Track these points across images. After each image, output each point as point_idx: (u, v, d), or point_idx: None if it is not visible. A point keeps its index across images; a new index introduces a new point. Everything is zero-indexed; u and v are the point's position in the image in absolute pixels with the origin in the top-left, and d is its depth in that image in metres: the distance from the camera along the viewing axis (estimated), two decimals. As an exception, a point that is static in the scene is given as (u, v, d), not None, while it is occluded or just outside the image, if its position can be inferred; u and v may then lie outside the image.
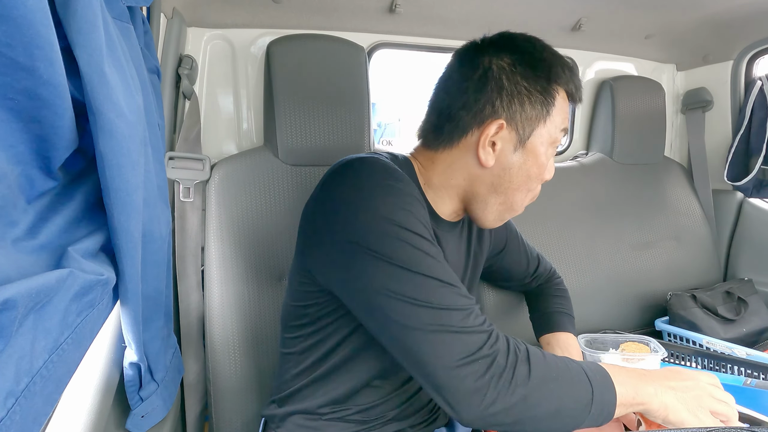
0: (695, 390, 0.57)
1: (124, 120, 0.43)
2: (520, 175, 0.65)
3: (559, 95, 0.66)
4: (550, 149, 0.67)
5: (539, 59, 0.64)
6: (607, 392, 0.55)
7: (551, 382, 0.53)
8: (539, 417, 0.52)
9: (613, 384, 0.56)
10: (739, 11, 1.22)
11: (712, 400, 0.57)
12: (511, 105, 0.62)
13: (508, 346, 0.54)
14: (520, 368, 0.52)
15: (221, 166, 0.97)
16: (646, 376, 0.58)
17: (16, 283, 0.31)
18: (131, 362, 0.63)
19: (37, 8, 0.30)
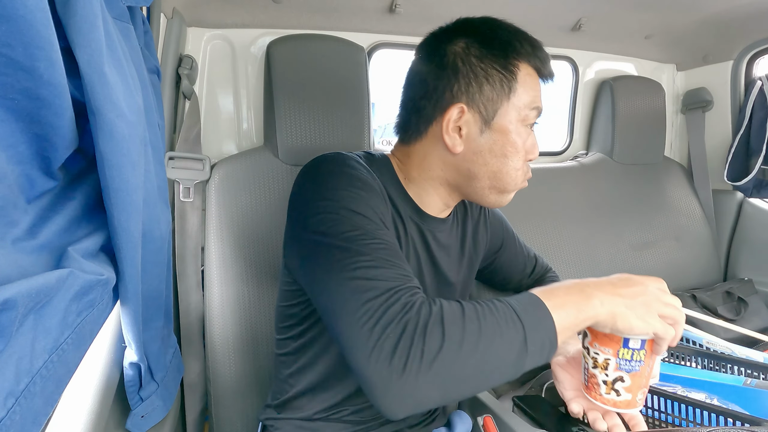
0: (643, 295, 0.54)
1: (124, 120, 0.43)
2: (493, 156, 0.64)
3: (522, 71, 0.64)
4: (521, 128, 0.65)
5: (494, 38, 0.64)
6: (543, 324, 0.50)
7: (471, 337, 0.47)
8: (468, 378, 0.46)
9: (549, 312, 0.51)
10: (739, 11, 1.22)
11: (660, 304, 0.54)
12: (469, 87, 0.62)
13: (420, 313, 0.48)
14: (432, 335, 0.46)
15: (221, 166, 0.97)
16: (589, 288, 0.54)
17: (16, 283, 0.31)
18: (131, 362, 0.63)
19: (37, 8, 0.30)
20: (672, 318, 0.55)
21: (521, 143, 0.65)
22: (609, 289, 0.54)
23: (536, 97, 0.66)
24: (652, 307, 0.54)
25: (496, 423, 0.87)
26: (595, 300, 0.53)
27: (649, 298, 0.54)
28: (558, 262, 1.25)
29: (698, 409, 0.78)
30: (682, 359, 1.04)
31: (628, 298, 0.54)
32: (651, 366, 0.58)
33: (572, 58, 1.46)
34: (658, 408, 0.83)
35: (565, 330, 0.52)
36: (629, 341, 0.55)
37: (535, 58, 0.65)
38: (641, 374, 0.57)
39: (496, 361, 0.48)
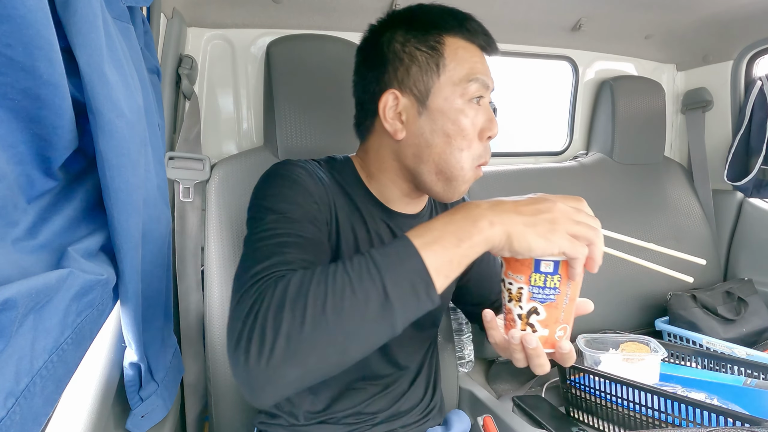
0: (549, 213, 0.47)
1: (124, 120, 0.43)
2: (435, 137, 0.62)
3: (449, 45, 0.62)
4: (465, 104, 0.61)
5: (416, 20, 0.64)
6: (407, 266, 0.44)
7: (317, 303, 0.42)
8: (326, 349, 0.42)
9: (416, 250, 0.44)
10: (739, 11, 1.22)
11: (569, 222, 0.47)
12: (397, 71, 0.63)
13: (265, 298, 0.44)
14: (275, 317, 0.42)
15: (221, 166, 0.97)
16: (478, 209, 0.47)
17: (16, 283, 0.31)
18: (131, 362, 0.63)
19: (37, 8, 0.30)
20: (585, 238, 0.47)
21: (468, 121, 0.62)
22: (505, 208, 0.47)
23: (474, 69, 0.62)
24: (559, 224, 0.46)
25: (496, 423, 0.87)
26: (483, 222, 0.46)
27: (555, 215, 0.46)
28: (558, 262, 1.25)
29: (698, 409, 0.78)
30: (682, 359, 1.04)
31: (528, 215, 0.47)
32: (570, 296, 0.51)
33: (572, 58, 1.46)
34: (658, 408, 0.83)
35: (444, 265, 0.44)
36: (540, 264, 0.48)
37: (462, 29, 0.63)
38: (557, 305, 0.50)
39: (353, 322, 0.42)
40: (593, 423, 0.94)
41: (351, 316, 0.42)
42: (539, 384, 1.13)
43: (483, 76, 0.63)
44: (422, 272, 0.44)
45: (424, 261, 0.44)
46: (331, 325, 0.41)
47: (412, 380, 0.76)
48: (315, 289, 0.43)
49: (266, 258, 0.50)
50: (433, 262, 0.44)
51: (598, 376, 0.91)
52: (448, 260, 0.45)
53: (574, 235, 0.46)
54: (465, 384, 1.04)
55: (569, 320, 0.52)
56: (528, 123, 3.32)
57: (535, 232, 0.46)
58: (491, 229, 0.46)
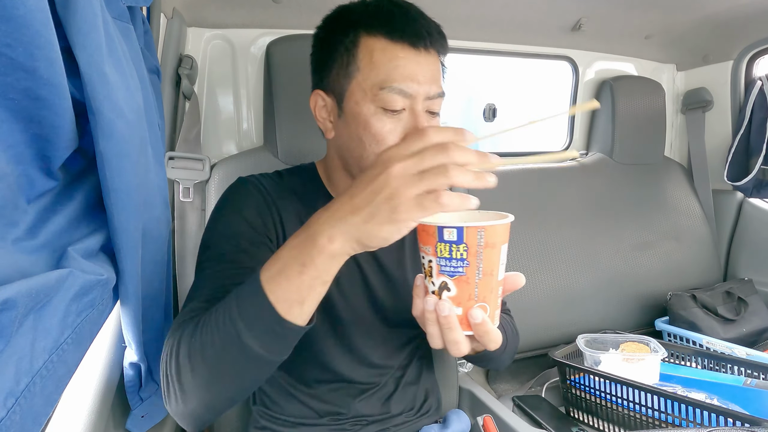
0: (385, 188, 0.39)
1: (124, 120, 0.43)
2: (351, 141, 0.60)
3: (363, 46, 0.57)
4: (380, 113, 0.56)
5: (340, 17, 0.62)
6: (258, 309, 0.44)
7: (196, 357, 0.46)
8: (215, 393, 0.47)
9: (262, 290, 0.43)
10: (739, 11, 1.22)
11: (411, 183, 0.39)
12: (322, 72, 0.62)
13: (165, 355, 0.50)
14: (168, 374, 0.48)
15: (221, 166, 0.97)
16: (316, 224, 0.43)
17: (16, 283, 0.31)
18: (131, 362, 0.63)
19: (37, 8, 0.30)
20: (436, 185, 0.38)
21: (381, 127, 0.56)
22: (340, 213, 0.42)
23: (389, 76, 0.56)
24: (399, 195, 0.39)
25: (496, 423, 0.87)
26: (322, 239, 0.42)
27: (392, 188, 0.39)
28: (558, 261, 1.25)
29: (698, 409, 0.78)
30: (682, 359, 1.04)
31: (364, 207, 0.40)
32: (485, 269, 0.44)
33: (572, 58, 1.45)
34: (658, 408, 0.83)
35: (293, 294, 0.43)
36: (443, 232, 0.43)
37: (381, 28, 0.56)
38: (468, 279, 0.44)
39: (225, 367, 0.46)
40: (593, 423, 0.94)
41: (220, 364, 0.46)
42: (539, 384, 1.13)
43: (401, 83, 0.55)
44: (269, 309, 0.43)
45: (268, 297, 0.43)
46: (210, 372, 0.46)
47: (398, 380, 0.75)
48: (192, 343, 0.47)
49: (191, 296, 0.56)
50: (280, 294, 0.43)
51: (598, 376, 0.91)
52: (296, 289, 0.43)
53: (426, 191, 0.39)
54: (465, 384, 1.04)
55: (489, 299, 0.45)
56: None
57: (378, 221, 0.40)
58: (332, 245, 0.42)
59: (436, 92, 0.59)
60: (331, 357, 0.69)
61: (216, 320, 0.46)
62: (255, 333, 0.44)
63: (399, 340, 0.74)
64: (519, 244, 1.22)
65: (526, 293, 1.20)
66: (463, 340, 0.46)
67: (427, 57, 0.58)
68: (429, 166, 0.39)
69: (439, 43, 0.60)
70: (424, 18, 0.60)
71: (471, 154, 0.39)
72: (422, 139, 0.40)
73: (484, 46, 1.34)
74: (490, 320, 0.45)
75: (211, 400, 0.48)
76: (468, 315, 0.45)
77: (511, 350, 0.73)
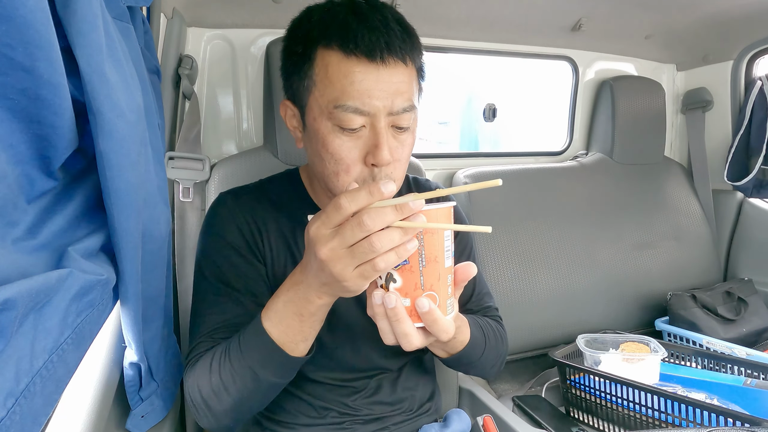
0: (326, 274, 0.44)
1: (124, 120, 0.43)
2: (314, 156, 0.59)
3: (319, 60, 0.54)
4: (336, 129, 0.54)
5: (300, 25, 0.58)
6: (268, 351, 0.53)
7: (222, 391, 0.56)
8: (239, 413, 0.58)
9: (269, 337, 0.52)
10: (739, 11, 1.22)
11: (345, 262, 0.42)
12: (286, 81, 0.61)
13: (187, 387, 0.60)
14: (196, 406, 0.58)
15: (221, 166, 0.97)
16: (303, 285, 0.49)
17: (16, 283, 0.31)
18: (131, 362, 0.63)
19: (37, 8, 0.30)
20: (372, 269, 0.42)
21: (338, 145, 0.54)
22: (314, 282, 0.47)
23: (343, 93, 0.52)
24: (341, 275, 0.43)
25: (496, 423, 0.87)
26: (312, 296, 0.49)
27: (331, 273, 0.43)
28: (558, 261, 1.25)
29: (698, 409, 0.78)
30: (682, 359, 1.04)
31: (324, 282, 0.46)
32: (427, 257, 0.45)
33: (572, 58, 1.46)
34: (658, 408, 0.83)
35: (297, 335, 0.52)
36: None
37: (335, 40, 0.52)
38: (412, 269, 0.45)
39: (246, 396, 0.56)
40: (593, 423, 0.94)
41: (243, 394, 0.56)
42: (539, 384, 1.13)
43: (356, 101, 0.52)
44: (277, 350, 0.53)
45: (275, 342, 0.52)
46: (234, 401, 0.56)
47: (398, 380, 0.75)
48: (213, 382, 0.56)
49: (197, 330, 0.63)
50: (285, 338, 0.52)
51: (598, 376, 0.91)
52: (298, 332, 0.52)
53: (361, 264, 0.42)
54: (465, 384, 1.04)
55: (436, 287, 0.45)
56: (528, 123, 3.32)
57: (342, 288, 0.45)
58: (321, 300, 0.49)
59: (401, 107, 0.54)
60: (331, 358, 0.69)
61: (231, 365, 0.55)
62: (269, 370, 0.54)
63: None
64: (519, 244, 1.22)
65: (526, 293, 1.20)
66: (414, 332, 0.47)
67: (387, 69, 0.53)
68: (353, 241, 0.41)
69: (403, 53, 0.54)
70: (386, 26, 0.53)
71: (388, 214, 0.40)
72: (338, 211, 0.41)
73: (484, 46, 1.34)
74: (438, 309, 0.45)
75: (240, 416, 0.59)
76: (415, 304, 0.45)
77: (493, 357, 0.70)
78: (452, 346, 0.62)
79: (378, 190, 0.40)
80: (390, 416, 0.73)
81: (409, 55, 0.55)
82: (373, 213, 0.40)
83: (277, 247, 0.68)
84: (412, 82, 0.57)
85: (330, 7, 0.56)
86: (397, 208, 0.41)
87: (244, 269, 0.66)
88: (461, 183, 1.23)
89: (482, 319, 0.72)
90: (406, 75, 0.55)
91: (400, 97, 0.54)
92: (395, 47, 0.53)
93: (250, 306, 0.64)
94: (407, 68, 0.55)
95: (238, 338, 0.56)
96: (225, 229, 0.67)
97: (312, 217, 0.45)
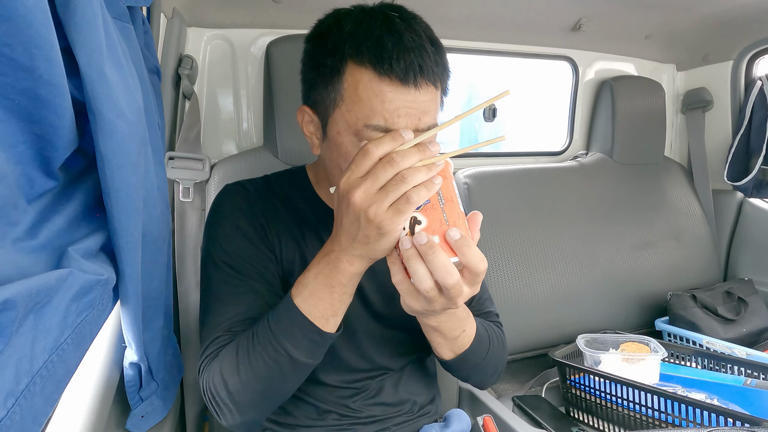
0: (358, 219, 0.46)
1: (124, 120, 0.43)
2: (333, 167, 0.60)
3: (349, 75, 0.53)
4: (359, 145, 0.54)
5: (329, 33, 0.56)
6: (300, 328, 0.52)
7: (251, 380, 0.54)
8: (264, 403, 0.58)
9: (299, 311, 0.52)
10: (739, 11, 1.22)
11: (375, 203, 0.44)
12: (308, 87, 0.59)
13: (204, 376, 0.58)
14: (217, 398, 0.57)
15: (221, 166, 0.97)
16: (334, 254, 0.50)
17: (16, 283, 0.31)
18: (131, 362, 0.63)
19: (37, 8, 0.30)
20: (406, 202, 0.44)
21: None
22: (342, 243, 0.49)
23: (372, 112, 0.52)
24: (376, 215, 0.45)
25: (496, 423, 0.87)
26: (343, 263, 0.50)
27: (366, 215, 0.45)
28: (558, 261, 1.25)
29: (698, 409, 0.78)
30: (682, 359, 1.04)
31: (356, 238, 0.47)
32: (444, 195, 0.48)
33: (572, 58, 1.46)
34: (658, 408, 0.83)
35: (328, 309, 0.52)
36: None
37: (367, 58, 0.52)
38: (434, 206, 0.47)
39: (278, 381, 0.55)
40: (593, 423, 0.94)
41: (275, 380, 0.55)
42: (539, 384, 1.13)
43: (384, 121, 0.52)
44: (309, 325, 0.53)
45: (307, 317, 0.52)
46: (265, 388, 0.55)
47: (399, 380, 0.75)
48: (241, 372, 0.54)
49: (213, 324, 0.61)
50: (317, 312, 0.53)
51: (598, 376, 0.91)
52: (329, 305, 0.52)
53: (393, 203, 0.45)
54: (465, 384, 1.04)
55: (458, 222, 0.48)
56: (528, 123, 3.32)
57: (374, 240, 0.46)
58: (352, 267, 0.50)
59: (426, 125, 0.55)
60: (335, 359, 0.69)
61: (261, 347, 0.54)
62: (302, 349, 0.53)
63: (396, 342, 0.74)
64: (519, 243, 1.22)
65: (527, 293, 1.20)
66: (452, 265, 0.46)
67: (418, 92, 0.53)
68: (384, 180, 0.45)
69: (434, 77, 0.54)
70: (420, 46, 0.52)
71: (413, 154, 0.45)
72: (367, 157, 0.45)
73: (484, 46, 1.34)
74: (464, 235, 0.47)
75: (266, 407, 0.59)
76: (446, 235, 0.47)
77: (495, 361, 0.70)
78: (461, 342, 0.62)
79: (399, 135, 0.46)
80: (391, 417, 0.73)
81: (440, 77, 0.56)
82: (401, 152, 0.45)
83: (286, 243, 0.67)
84: (437, 102, 0.58)
85: (362, 19, 0.54)
86: (419, 148, 0.45)
87: (257, 257, 0.64)
88: (461, 183, 1.23)
89: (485, 322, 0.72)
90: (434, 95, 0.56)
91: (426, 116, 0.55)
92: (428, 70, 0.53)
93: (267, 295, 0.63)
94: (436, 90, 0.56)
95: (266, 319, 0.55)
96: (234, 216, 0.66)
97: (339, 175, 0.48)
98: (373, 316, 0.71)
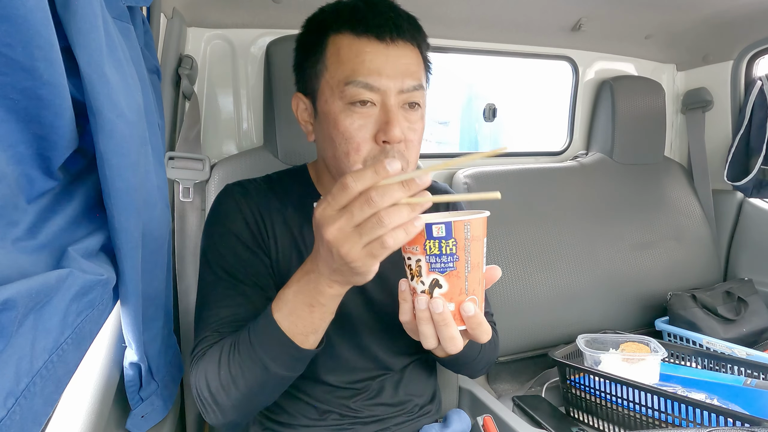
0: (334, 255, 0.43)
1: (124, 120, 0.43)
2: (325, 141, 0.61)
3: (331, 44, 0.58)
4: (348, 107, 0.56)
5: (313, 20, 0.62)
6: (278, 344, 0.52)
7: (230, 386, 0.55)
8: (247, 409, 0.57)
9: (279, 328, 0.51)
10: (739, 11, 1.22)
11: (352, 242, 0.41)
12: (299, 74, 0.63)
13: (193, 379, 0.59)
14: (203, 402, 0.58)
15: (221, 166, 0.97)
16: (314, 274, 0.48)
17: (16, 283, 0.31)
18: (131, 362, 0.63)
19: (37, 8, 0.30)
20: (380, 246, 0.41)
21: (349, 123, 0.56)
22: (324, 269, 0.46)
23: (354, 70, 0.56)
24: (349, 255, 0.42)
25: (496, 423, 0.87)
26: (323, 285, 0.48)
27: (339, 253, 0.42)
28: (558, 261, 1.25)
29: (698, 409, 0.78)
30: (682, 359, 1.04)
31: (333, 269, 0.45)
32: (473, 263, 0.46)
33: (572, 58, 1.45)
34: (658, 408, 0.83)
35: (307, 327, 0.51)
36: (432, 229, 0.44)
37: (346, 25, 0.57)
38: (459, 274, 0.45)
39: (255, 390, 0.55)
40: (593, 423, 0.94)
41: (252, 389, 0.55)
42: (539, 384, 1.13)
43: (367, 77, 0.55)
44: (288, 342, 0.52)
45: (286, 333, 0.52)
46: (243, 395, 0.55)
47: (399, 380, 0.75)
48: (222, 376, 0.55)
49: (204, 324, 0.62)
50: (296, 330, 0.52)
51: (598, 376, 0.91)
52: (308, 324, 0.51)
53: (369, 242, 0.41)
54: (465, 384, 1.04)
55: (477, 291, 0.47)
56: (528, 123, 3.32)
57: (351, 273, 0.44)
58: (332, 289, 0.48)
59: (412, 85, 0.57)
60: (337, 359, 0.69)
61: (240, 357, 0.54)
62: (279, 363, 0.53)
63: (398, 341, 0.74)
64: (519, 244, 1.22)
65: (526, 293, 1.20)
66: (459, 335, 0.47)
67: (396, 50, 0.56)
68: (360, 219, 0.40)
69: (410, 34, 0.58)
70: (393, 10, 0.58)
71: (396, 191, 0.40)
72: (344, 192, 0.41)
73: (484, 46, 1.34)
74: (481, 313, 0.47)
75: (247, 411, 0.59)
76: (461, 309, 0.46)
77: (486, 360, 0.72)
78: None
79: (383, 169, 0.40)
80: (391, 417, 0.73)
81: (417, 38, 0.59)
82: (381, 189, 0.40)
83: (284, 242, 0.68)
84: (420, 65, 0.60)
85: (339, 3, 0.60)
86: (404, 184, 0.40)
87: (250, 261, 0.65)
88: (461, 183, 1.23)
89: None
90: (414, 57, 0.59)
91: (410, 77, 0.57)
92: (403, 29, 0.57)
93: (256, 299, 0.64)
94: (415, 51, 0.59)
95: (247, 330, 0.55)
96: (231, 219, 0.67)
97: (318, 202, 0.44)
98: (374, 312, 0.70)
